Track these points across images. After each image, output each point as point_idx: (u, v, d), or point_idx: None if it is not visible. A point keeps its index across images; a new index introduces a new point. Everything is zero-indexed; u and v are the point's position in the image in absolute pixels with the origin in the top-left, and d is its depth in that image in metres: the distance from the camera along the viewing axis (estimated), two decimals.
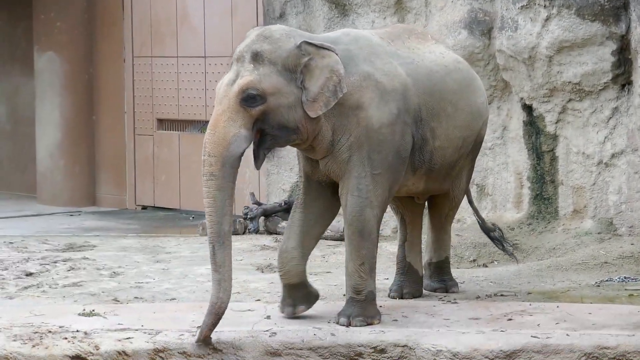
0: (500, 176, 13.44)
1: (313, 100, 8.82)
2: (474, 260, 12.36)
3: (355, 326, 9.09)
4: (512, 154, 13.33)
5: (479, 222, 10.71)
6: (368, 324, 9.12)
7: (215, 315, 8.79)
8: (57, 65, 17.96)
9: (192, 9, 16.88)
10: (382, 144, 9.11)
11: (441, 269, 10.39)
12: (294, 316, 9.32)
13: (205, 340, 8.82)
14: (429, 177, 9.71)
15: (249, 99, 8.69)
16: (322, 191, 9.45)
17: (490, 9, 13.25)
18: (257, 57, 8.80)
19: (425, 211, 10.38)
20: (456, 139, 9.72)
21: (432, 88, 9.52)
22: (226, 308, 8.85)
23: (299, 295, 9.43)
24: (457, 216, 13.44)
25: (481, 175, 13.47)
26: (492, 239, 10.72)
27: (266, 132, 8.86)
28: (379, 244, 12.19)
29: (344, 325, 9.12)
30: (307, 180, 9.49)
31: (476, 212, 10.65)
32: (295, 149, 9.45)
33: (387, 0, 14.02)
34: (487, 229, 10.70)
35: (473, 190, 13.44)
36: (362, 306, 9.22)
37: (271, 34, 8.90)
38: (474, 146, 10.06)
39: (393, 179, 9.27)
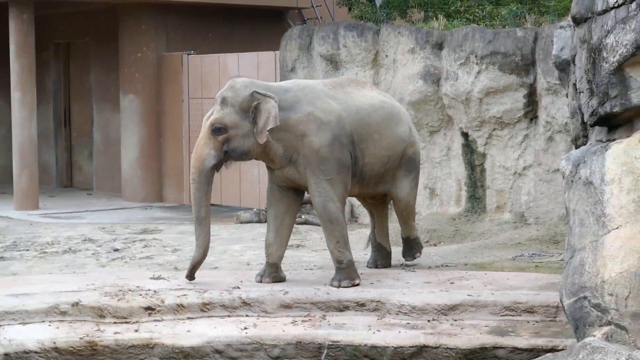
0: (445, 182, 13.36)
1: (260, 131, 9.11)
2: (427, 241, 12.29)
3: (344, 287, 9.13)
4: (454, 166, 13.25)
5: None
6: (352, 285, 9.17)
7: (193, 265, 9.39)
8: (136, 104, 17.89)
9: (230, 64, 16.80)
10: (325, 159, 9.28)
11: (406, 242, 10.33)
12: (259, 282, 9.40)
13: (189, 277, 9.38)
14: (361, 184, 9.72)
15: (216, 130, 9.18)
16: (284, 192, 9.59)
17: (438, 64, 13.18)
18: (224, 101, 9.23)
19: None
20: (382, 157, 9.71)
21: (361, 121, 9.57)
22: (200, 262, 9.39)
23: (271, 271, 9.49)
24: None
25: (432, 182, 13.41)
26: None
27: (228, 152, 9.24)
28: (359, 230, 12.20)
29: (335, 287, 9.13)
30: (272, 185, 9.66)
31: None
32: None
33: (366, 59, 13.94)
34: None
35: (426, 192, 13.38)
36: (346, 272, 9.30)
37: (235, 85, 9.31)
38: (405, 161, 9.92)
39: (343, 180, 9.38)
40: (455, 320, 8.49)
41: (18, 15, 16.82)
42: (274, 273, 9.45)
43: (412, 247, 10.32)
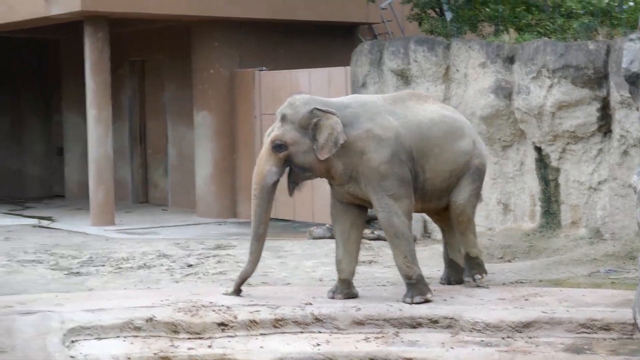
0: (519, 197, 13.21)
1: (321, 148, 9.11)
2: (501, 257, 12.16)
3: (416, 303, 9.08)
4: (528, 181, 13.10)
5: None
6: (425, 300, 9.12)
7: (241, 279, 9.47)
8: (209, 120, 17.98)
9: (301, 80, 16.83)
10: (385, 175, 9.22)
11: (466, 261, 10.03)
12: (332, 298, 9.34)
13: (236, 292, 9.44)
14: (423, 200, 9.61)
15: (276, 147, 9.17)
16: (347, 207, 9.52)
17: (510, 78, 13.05)
18: (283, 118, 9.22)
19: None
20: (443, 172, 9.60)
21: (420, 136, 9.47)
22: (249, 276, 9.46)
23: (343, 288, 9.44)
24: (488, 225, 13.34)
25: (505, 197, 13.27)
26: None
27: (292, 169, 9.25)
28: (433, 246, 12.11)
29: (408, 303, 9.08)
30: (334, 201, 9.61)
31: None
32: None
33: (437, 73, 13.86)
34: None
35: (500, 208, 13.25)
36: (417, 287, 9.23)
37: (294, 102, 9.29)
38: (471, 172, 9.75)
39: (406, 194, 9.29)
40: (530, 337, 8.37)
41: (93, 33, 17.02)
42: (346, 289, 9.40)
43: (471, 266, 9.96)
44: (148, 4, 16.87)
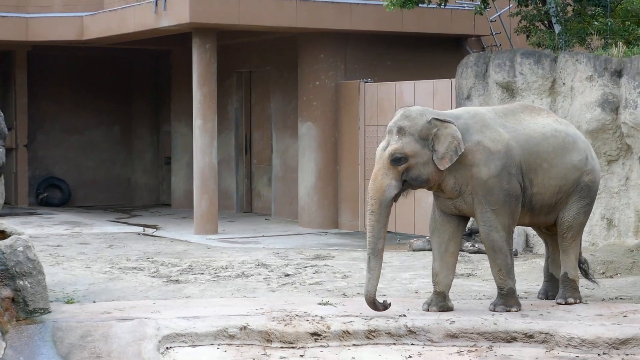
0: (624, 213, 12.98)
1: (442, 157, 9.06)
2: (603, 273, 11.93)
3: (497, 311, 9.13)
4: (633, 196, 12.86)
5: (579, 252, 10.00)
6: (507, 311, 9.15)
7: (372, 301, 9.12)
8: (314, 131, 18.07)
9: (406, 92, 16.82)
10: (492, 189, 9.16)
11: (562, 282, 9.74)
12: (426, 311, 9.28)
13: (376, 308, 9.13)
14: (531, 214, 9.48)
15: (396, 160, 9.08)
16: (448, 219, 9.45)
17: (617, 92, 12.84)
18: (401, 131, 9.12)
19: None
20: (552, 187, 9.43)
21: (530, 149, 9.34)
22: (372, 296, 9.10)
23: (438, 300, 9.37)
24: (591, 240, 13.12)
25: (610, 212, 13.05)
26: (580, 268, 10.00)
27: (407, 181, 9.16)
28: (533, 260, 11.95)
29: (491, 311, 9.17)
30: (438, 212, 9.52)
31: (580, 245, 10.00)
32: None
33: (543, 86, 13.71)
34: (579, 260, 9.96)
35: (604, 223, 13.03)
36: (504, 298, 9.26)
37: (410, 114, 9.20)
38: (580, 188, 9.54)
39: (511, 210, 9.23)
40: (627, 354, 8.22)
41: (201, 44, 17.25)
42: (441, 302, 9.34)
43: (566, 289, 9.65)
44: (255, 16, 17.04)
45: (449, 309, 9.33)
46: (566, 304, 9.56)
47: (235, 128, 20.96)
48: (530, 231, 13.60)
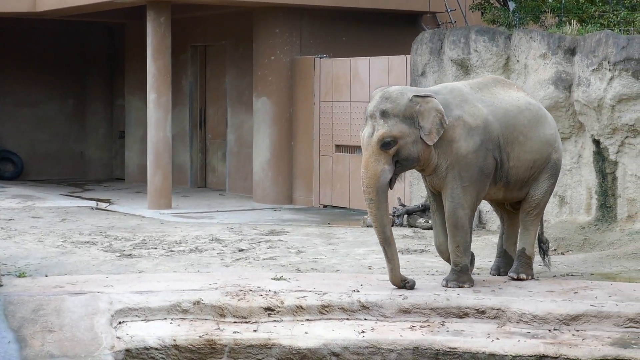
0: (576, 190, 13.07)
1: (429, 132, 9.01)
2: (555, 250, 12.03)
3: (450, 287, 9.21)
4: (585, 174, 12.95)
5: (541, 231, 10.10)
6: (459, 287, 9.21)
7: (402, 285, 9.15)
8: (268, 107, 18.02)
9: (361, 68, 16.81)
10: (469, 165, 9.16)
11: (518, 257, 9.79)
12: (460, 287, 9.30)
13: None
14: (506, 188, 9.52)
15: (386, 144, 8.98)
16: (439, 196, 9.48)
17: (570, 70, 12.90)
18: (384, 114, 9.03)
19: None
20: (527, 161, 9.47)
21: (507, 123, 9.36)
22: (399, 284, 9.13)
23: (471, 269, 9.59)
24: (544, 217, 13.20)
25: (562, 190, 13.12)
26: (539, 245, 10.07)
27: (399, 162, 9.08)
28: (486, 236, 12.02)
29: (444, 286, 9.25)
30: (428, 192, 9.61)
31: (541, 225, 10.09)
32: None
33: (497, 64, 13.76)
34: (540, 240, 10.08)
35: (555, 200, 13.12)
36: (457, 274, 9.32)
37: (390, 95, 9.12)
38: (550, 166, 9.64)
39: (478, 189, 9.26)
40: (577, 330, 8.27)
41: (156, 18, 17.13)
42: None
43: (520, 263, 9.69)
44: None
45: (471, 282, 9.37)
46: (518, 279, 9.60)
47: (190, 102, 20.86)
48: (483, 207, 13.67)
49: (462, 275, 9.30)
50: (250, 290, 9.00)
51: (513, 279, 9.61)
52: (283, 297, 8.88)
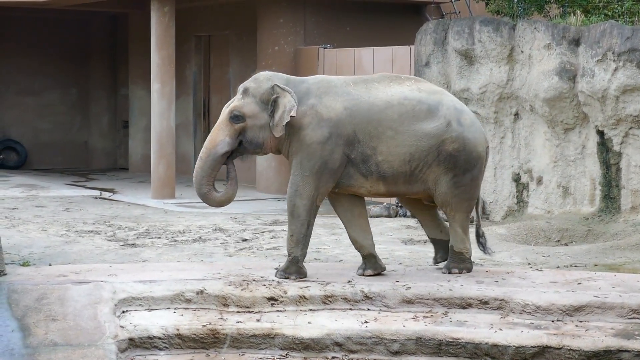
0: (579, 181, 13.07)
1: (275, 125, 9.11)
2: (558, 241, 12.04)
3: (277, 277, 9.23)
4: (589, 165, 12.95)
5: (477, 225, 9.87)
6: (286, 277, 9.20)
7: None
8: None
9: (364, 58, 16.80)
10: (312, 155, 9.16)
11: (450, 253, 9.61)
12: (362, 275, 9.34)
13: None
14: (385, 182, 9.28)
15: (234, 117, 9.18)
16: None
17: (574, 61, 12.90)
18: (246, 91, 9.25)
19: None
20: (401, 155, 9.19)
21: (370, 117, 9.20)
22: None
23: (370, 263, 9.45)
24: (547, 208, 13.22)
25: (566, 180, 13.14)
26: (477, 240, 9.85)
27: (243, 144, 9.26)
28: (491, 227, 11.98)
29: (279, 273, 9.26)
30: None
31: (477, 218, 9.86)
32: None
33: (501, 54, 13.73)
34: (477, 233, 9.86)
35: (559, 191, 13.12)
36: (287, 264, 9.33)
37: (258, 77, 9.34)
38: (443, 158, 9.26)
39: (320, 182, 9.21)
40: (580, 321, 8.27)
41: (160, 7, 17.12)
42: (374, 263, 9.40)
43: (453, 259, 9.56)
44: None
45: (382, 269, 9.39)
46: (449, 273, 9.45)
47: (194, 92, 20.86)
48: (487, 198, 13.67)
49: (290, 266, 9.24)
50: (254, 280, 9.02)
51: (444, 274, 9.47)
52: (286, 287, 8.90)
